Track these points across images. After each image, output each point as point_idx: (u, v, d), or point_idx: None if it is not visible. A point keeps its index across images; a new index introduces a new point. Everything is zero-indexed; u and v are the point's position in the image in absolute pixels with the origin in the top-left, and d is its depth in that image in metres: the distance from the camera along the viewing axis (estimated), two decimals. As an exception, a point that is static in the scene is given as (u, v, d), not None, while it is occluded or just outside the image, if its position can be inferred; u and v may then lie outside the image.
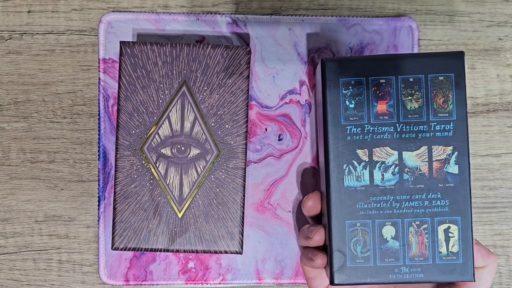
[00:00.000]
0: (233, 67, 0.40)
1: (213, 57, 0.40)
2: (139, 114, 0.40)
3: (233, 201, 0.40)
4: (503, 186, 0.44)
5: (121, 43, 0.40)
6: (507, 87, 0.44)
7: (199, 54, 0.40)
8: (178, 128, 0.40)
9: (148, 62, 0.40)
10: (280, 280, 0.43)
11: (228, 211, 0.40)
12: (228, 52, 0.40)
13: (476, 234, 0.44)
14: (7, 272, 0.43)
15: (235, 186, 0.40)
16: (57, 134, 0.43)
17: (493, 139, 0.44)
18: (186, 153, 0.40)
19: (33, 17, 0.43)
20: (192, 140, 0.40)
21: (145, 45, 0.40)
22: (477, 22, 0.44)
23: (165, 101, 0.40)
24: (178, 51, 0.40)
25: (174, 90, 0.40)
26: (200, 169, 0.40)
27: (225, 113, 0.40)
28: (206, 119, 0.40)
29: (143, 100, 0.40)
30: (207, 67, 0.40)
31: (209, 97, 0.40)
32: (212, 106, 0.40)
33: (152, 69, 0.40)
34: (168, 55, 0.40)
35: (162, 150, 0.40)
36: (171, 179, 0.40)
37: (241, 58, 0.40)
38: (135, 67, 0.40)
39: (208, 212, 0.40)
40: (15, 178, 0.43)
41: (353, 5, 0.44)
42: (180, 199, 0.40)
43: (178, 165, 0.40)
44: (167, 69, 0.40)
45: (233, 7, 0.43)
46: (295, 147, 0.43)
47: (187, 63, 0.40)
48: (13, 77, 0.43)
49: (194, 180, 0.40)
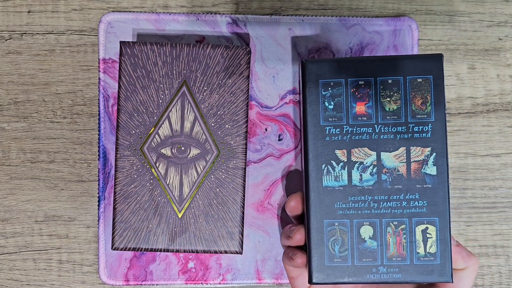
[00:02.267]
0: (233, 67, 0.40)
1: (213, 57, 0.40)
2: (139, 114, 0.40)
3: (233, 201, 0.40)
4: (503, 186, 0.44)
5: (121, 43, 0.40)
6: (507, 87, 0.44)
7: (199, 54, 0.40)
8: (178, 128, 0.40)
9: (148, 62, 0.40)
10: (280, 280, 0.43)
11: (228, 211, 0.40)
12: (228, 52, 0.40)
13: (476, 234, 0.44)
14: (7, 272, 0.43)
15: (235, 186, 0.40)
16: (57, 134, 0.43)
17: (493, 139, 0.44)
18: (186, 153, 0.40)
19: (33, 17, 0.43)
20: (192, 140, 0.40)
21: (145, 45, 0.40)
22: (477, 22, 0.44)
23: (165, 101, 0.40)
24: (178, 51, 0.40)
25: (174, 90, 0.40)
26: (200, 169, 0.40)
27: (225, 113, 0.40)
28: (206, 119, 0.40)
29: (143, 100, 0.40)
30: (207, 67, 0.40)
31: (209, 97, 0.40)
32: (212, 106, 0.40)
33: (152, 69, 0.40)
34: (168, 55, 0.40)
35: (162, 150, 0.40)
36: (171, 179, 0.40)
37: (241, 58, 0.40)
38: (135, 67, 0.40)
39: (208, 212, 0.40)
40: (15, 178, 0.43)
41: (353, 5, 0.44)
42: (180, 199, 0.40)
43: (178, 165, 0.40)
44: (167, 69, 0.40)
45: (233, 7, 0.43)
46: (295, 147, 0.43)
47: (187, 63, 0.40)
48: (13, 77, 0.43)
49: (194, 180, 0.40)
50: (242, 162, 0.40)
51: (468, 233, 0.44)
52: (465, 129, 0.44)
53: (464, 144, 0.44)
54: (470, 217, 0.44)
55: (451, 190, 0.44)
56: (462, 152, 0.44)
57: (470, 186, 0.44)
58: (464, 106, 0.44)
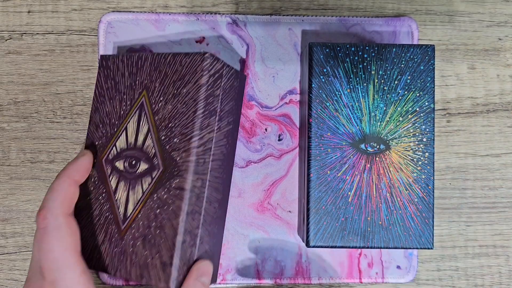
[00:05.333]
0: (189, 75, 0.36)
1: (172, 66, 0.36)
2: (103, 126, 0.38)
3: (170, 227, 0.34)
4: (503, 186, 0.44)
5: (101, 56, 0.39)
6: (507, 87, 0.44)
7: (160, 63, 0.37)
8: (132, 141, 0.37)
9: (118, 73, 0.38)
10: (280, 280, 0.43)
11: (165, 238, 0.34)
12: (187, 59, 0.36)
13: (476, 234, 0.44)
14: (7, 272, 0.43)
15: (175, 210, 0.34)
16: (57, 134, 0.43)
17: (493, 139, 0.44)
18: (135, 168, 0.36)
19: (33, 17, 0.43)
20: (142, 154, 0.36)
21: (117, 57, 0.38)
22: (477, 22, 0.44)
23: (126, 112, 0.37)
24: (143, 61, 0.37)
25: (135, 101, 0.37)
26: (145, 186, 0.36)
27: (175, 125, 0.35)
28: (158, 132, 0.36)
29: (109, 111, 0.38)
30: (165, 76, 0.36)
31: (163, 108, 0.36)
32: (165, 118, 0.36)
33: (120, 80, 0.38)
34: (134, 65, 0.38)
35: (116, 163, 0.37)
36: (119, 195, 0.37)
37: (197, 65, 0.35)
38: (107, 79, 0.39)
39: (146, 236, 0.35)
40: (15, 178, 0.43)
41: (353, 5, 0.44)
42: (124, 218, 0.36)
43: (127, 180, 0.36)
44: (131, 80, 0.38)
45: (233, 7, 0.43)
46: (295, 147, 0.43)
47: (149, 73, 0.37)
48: (13, 77, 0.43)
49: (138, 198, 0.36)
50: (185, 182, 0.34)
51: (468, 233, 0.44)
52: (465, 129, 0.44)
53: (464, 144, 0.44)
54: (470, 217, 0.44)
55: (451, 190, 0.44)
56: (462, 152, 0.44)
57: (470, 186, 0.44)
58: (464, 106, 0.44)
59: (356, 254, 0.43)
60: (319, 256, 0.43)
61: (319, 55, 0.38)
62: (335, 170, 0.38)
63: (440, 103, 0.44)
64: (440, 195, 0.44)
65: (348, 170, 0.38)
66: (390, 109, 0.38)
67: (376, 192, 0.38)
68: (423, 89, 0.38)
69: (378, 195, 0.38)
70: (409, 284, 0.44)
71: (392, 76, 0.38)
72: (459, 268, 0.44)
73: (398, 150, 0.38)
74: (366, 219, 0.37)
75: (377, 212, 0.37)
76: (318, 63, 0.38)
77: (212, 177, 0.36)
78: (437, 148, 0.44)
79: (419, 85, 0.38)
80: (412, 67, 0.38)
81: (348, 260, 0.43)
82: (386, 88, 0.38)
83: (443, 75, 0.44)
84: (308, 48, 0.38)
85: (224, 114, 0.37)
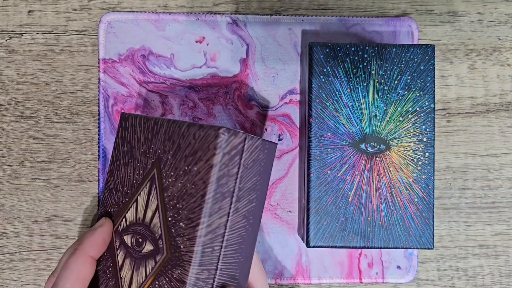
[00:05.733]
0: (201, 152, 0.30)
1: (186, 138, 0.31)
2: (117, 193, 0.35)
3: None
4: (503, 186, 0.44)
5: (121, 115, 0.36)
6: (507, 87, 0.44)
7: (175, 132, 0.32)
8: (141, 216, 0.33)
9: (134, 137, 0.35)
10: (280, 280, 0.43)
11: None
12: (200, 132, 0.31)
13: (476, 234, 0.44)
14: (7, 272, 0.43)
15: None
16: (57, 134, 0.43)
17: (493, 139, 0.44)
18: (141, 247, 0.32)
19: (33, 17, 0.43)
20: (149, 233, 0.32)
21: (135, 119, 0.35)
22: (477, 22, 0.44)
23: (138, 182, 0.34)
24: (159, 127, 0.33)
25: (147, 171, 0.33)
26: (148, 270, 0.32)
27: (183, 207, 0.31)
28: (166, 211, 0.31)
29: (123, 178, 0.35)
30: (178, 148, 0.32)
31: (173, 185, 0.31)
32: (174, 196, 0.31)
33: (135, 145, 0.34)
34: (150, 131, 0.34)
35: (125, 237, 0.33)
36: (125, 273, 0.33)
37: (210, 142, 0.30)
38: (124, 141, 0.35)
39: None
40: (15, 178, 0.43)
41: (353, 5, 0.44)
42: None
43: (133, 259, 0.33)
44: (146, 147, 0.34)
45: (233, 7, 0.43)
46: (295, 147, 0.43)
47: (163, 142, 0.33)
48: (13, 77, 0.43)
49: (141, 281, 0.32)
50: (186, 275, 0.29)
51: (468, 233, 0.44)
52: (465, 129, 0.44)
53: (464, 144, 0.44)
54: (470, 217, 0.44)
55: (451, 190, 0.44)
56: (462, 152, 0.44)
57: (470, 186, 0.44)
58: (464, 106, 0.44)
59: (356, 254, 0.43)
60: (319, 256, 0.43)
61: (319, 55, 0.38)
62: (335, 170, 0.38)
63: (440, 103, 0.44)
64: (440, 195, 0.44)
65: (348, 170, 0.38)
66: (390, 109, 0.38)
67: (376, 192, 0.38)
68: (423, 89, 0.38)
69: (378, 195, 0.38)
70: (409, 284, 0.44)
71: (392, 76, 0.38)
72: (459, 268, 0.44)
73: (398, 150, 0.38)
74: (366, 219, 0.37)
75: (377, 212, 0.37)
76: (318, 63, 0.38)
77: (225, 264, 0.31)
78: (437, 148, 0.44)
79: (419, 85, 0.38)
80: (412, 67, 0.38)
81: (348, 260, 0.43)
82: (386, 88, 0.38)
83: (443, 75, 0.44)
84: (308, 48, 0.38)
85: (244, 192, 0.32)
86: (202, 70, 0.43)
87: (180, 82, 0.43)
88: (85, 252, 0.33)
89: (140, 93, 0.43)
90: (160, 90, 0.43)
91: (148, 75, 0.43)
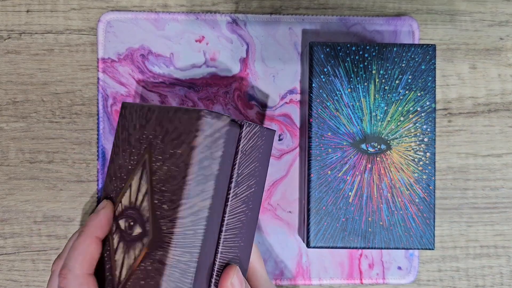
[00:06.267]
0: (184, 135, 0.31)
1: (173, 122, 0.32)
2: (115, 179, 0.36)
3: None
4: (504, 186, 0.44)
5: (122, 104, 0.37)
6: (508, 87, 0.44)
7: (164, 117, 0.33)
8: (134, 200, 0.33)
9: (131, 124, 0.35)
10: (280, 281, 0.43)
11: None
12: (185, 116, 0.31)
13: (477, 234, 0.44)
14: (5, 272, 0.43)
15: (154, 286, 0.30)
16: (56, 134, 0.43)
17: (494, 139, 0.44)
18: (132, 230, 0.33)
19: (32, 17, 0.43)
20: (139, 216, 0.33)
21: (133, 107, 0.36)
22: (478, 21, 0.44)
23: (133, 167, 0.34)
24: (151, 113, 0.34)
25: (140, 157, 0.34)
26: (137, 252, 0.32)
27: (167, 190, 0.31)
28: (153, 194, 0.32)
29: (121, 164, 0.35)
30: (166, 133, 0.32)
31: (160, 169, 0.32)
32: (161, 180, 0.32)
33: (132, 132, 0.35)
34: (143, 117, 0.34)
35: (120, 221, 0.34)
36: (118, 256, 0.33)
37: (192, 124, 0.31)
38: (123, 130, 0.36)
39: None
40: (14, 178, 0.43)
41: (354, 5, 0.43)
42: (119, 282, 0.33)
43: (125, 242, 0.33)
44: (140, 133, 0.34)
45: (233, 6, 0.43)
46: (295, 147, 0.43)
47: (154, 128, 0.33)
48: (12, 77, 0.43)
49: (130, 264, 0.32)
50: (166, 256, 0.30)
51: (469, 234, 0.44)
52: (466, 129, 0.44)
53: (465, 144, 0.44)
54: (471, 217, 0.44)
55: (452, 190, 0.44)
56: (463, 152, 0.44)
57: (471, 187, 0.44)
58: (465, 106, 0.44)
59: (357, 254, 0.43)
60: (320, 257, 0.43)
61: (320, 54, 0.38)
62: (335, 170, 0.37)
63: (441, 103, 0.44)
64: (441, 196, 0.44)
65: (349, 170, 0.37)
66: (391, 108, 0.38)
67: (377, 193, 0.37)
68: (424, 88, 0.38)
69: (379, 196, 0.37)
70: (410, 285, 0.43)
71: (393, 76, 0.38)
72: (460, 269, 0.44)
73: (399, 150, 0.38)
74: (367, 219, 0.37)
75: (378, 213, 0.37)
76: (318, 62, 0.38)
77: (226, 247, 0.32)
78: (438, 148, 0.44)
79: (420, 85, 0.38)
80: (413, 66, 0.38)
81: (349, 261, 0.43)
82: (387, 88, 0.38)
83: (444, 75, 0.44)
84: (309, 48, 0.38)
85: (243, 178, 0.33)
86: (201, 70, 0.43)
87: (180, 82, 0.43)
88: (91, 232, 0.34)
89: (139, 92, 0.42)
90: (160, 90, 0.43)
91: (147, 75, 0.42)
